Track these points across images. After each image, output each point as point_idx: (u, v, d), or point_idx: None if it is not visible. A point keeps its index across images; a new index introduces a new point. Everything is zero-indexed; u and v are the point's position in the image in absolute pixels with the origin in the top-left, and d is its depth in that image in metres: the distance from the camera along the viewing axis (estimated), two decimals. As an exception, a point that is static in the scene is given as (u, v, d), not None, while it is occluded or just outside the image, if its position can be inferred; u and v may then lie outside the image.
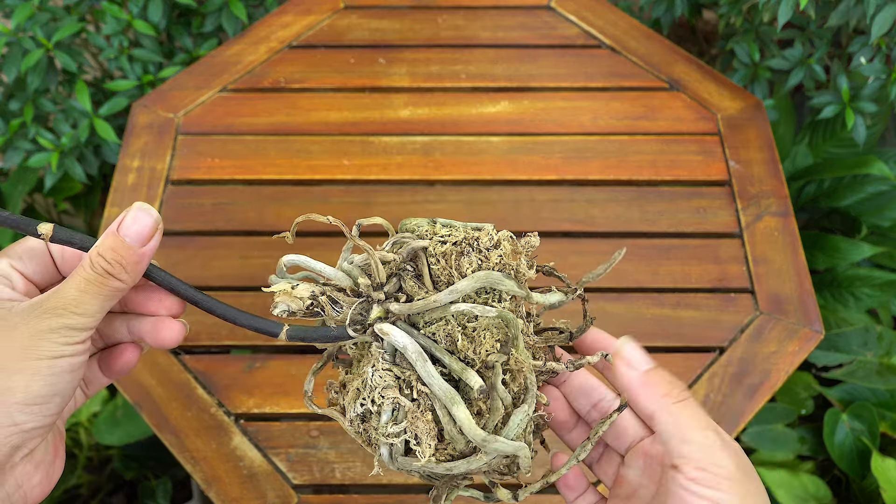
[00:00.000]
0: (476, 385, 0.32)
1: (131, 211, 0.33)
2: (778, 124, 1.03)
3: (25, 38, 0.84)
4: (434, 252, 0.35)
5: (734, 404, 0.62)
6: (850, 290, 0.94)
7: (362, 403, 0.33)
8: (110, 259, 0.32)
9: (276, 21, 0.87)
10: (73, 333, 0.32)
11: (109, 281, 0.32)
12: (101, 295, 0.32)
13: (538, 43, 0.85)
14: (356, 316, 0.34)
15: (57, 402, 0.32)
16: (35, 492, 0.33)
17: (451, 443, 0.33)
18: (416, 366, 0.32)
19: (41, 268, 0.36)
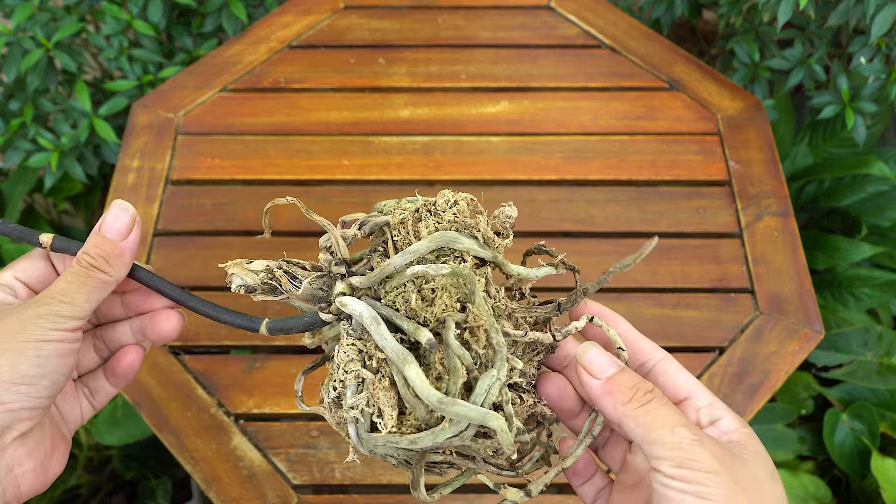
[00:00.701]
0: (424, 339, 0.31)
1: (112, 209, 0.36)
2: (778, 124, 1.03)
3: (25, 38, 0.84)
4: (394, 223, 0.34)
5: (734, 404, 0.61)
6: (850, 290, 0.94)
7: (334, 387, 0.33)
8: (94, 254, 0.35)
9: (276, 21, 0.87)
10: (60, 320, 0.33)
11: (94, 273, 0.35)
12: (87, 286, 0.35)
13: (538, 43, 0.85)
14: (317, 292, 0.34)
15: (45, 386, 0.33)
16: (28, 478, 0.33)
17: (413, 412, 0.31)
18: (371, 330, 0.31)
19: (43, 277, 0.38)
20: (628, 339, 0.37)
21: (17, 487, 0.33)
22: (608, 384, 0.32)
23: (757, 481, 0.30)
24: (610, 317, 0.38)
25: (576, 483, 0.37)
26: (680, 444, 0.30)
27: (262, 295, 0.35)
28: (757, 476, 0.31)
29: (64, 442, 0.37)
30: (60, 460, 0.36)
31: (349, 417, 0.32)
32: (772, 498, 0.30)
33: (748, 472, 0.30)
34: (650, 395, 0.32)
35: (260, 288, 0.34)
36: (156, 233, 0.71)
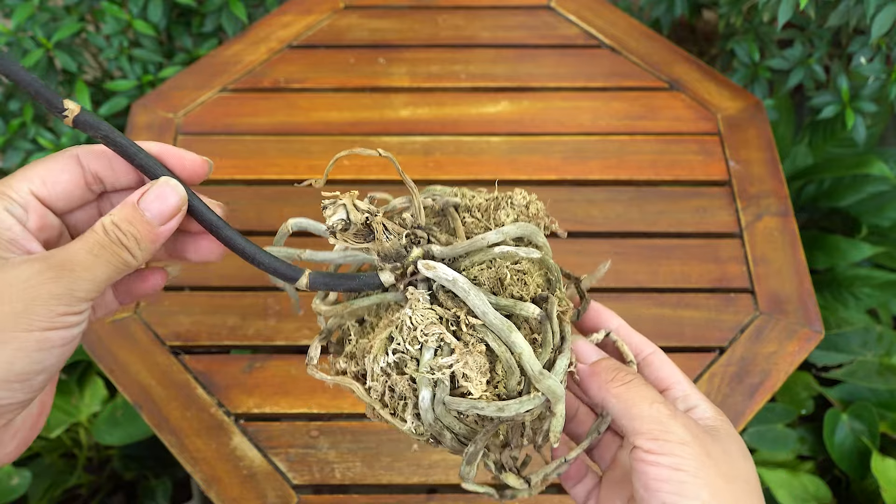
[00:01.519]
0: (534, 312, 0.32)
1: (157, 185, 0.31)
2: (778, 124, 1.03)
3: (25, 38, 0.84)
4: (469, 205, 0.35)
5: (734, 404, 0.61)
6: (850, 290, 0.94)
7: (395, 350, 0.31)
8: (125, 230, 0.30)
9: (276, 21, 0.87)
10: (76, 303, 0.29)
11: (121, 252, 0.30)
12: (111, 264, 0.30)
13: (538, 43, 0.85)
14: (400, 249, 0.32)
15: (41, 380, 0.29)
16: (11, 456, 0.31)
17: (503, 380, 0.32)
18: (469, 297, 0.31)
19: (66, 195, 0.32)
20: (621, 334, 0.39)
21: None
22: (594, 366, 0.35)
23: (729, 456, 0.31)
24: (604, 314, 0.40)
25: (568, 485, 0.39)
26: (657, 418, 0.31)
27: (348, 238, 0.32)
28: (729, 452, 0.32)
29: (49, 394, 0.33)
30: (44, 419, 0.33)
31: (425, 379, 0.31)
32: (744, 474, 0.32)
33: (720, 448, 0.32)
34: (631, 377, 0.34)
35: (358, 228, 0.32)
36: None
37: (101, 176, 0.32)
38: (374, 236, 0.32)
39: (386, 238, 0.32)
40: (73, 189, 0.32)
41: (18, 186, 0.30)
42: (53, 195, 0.31)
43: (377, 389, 0.32)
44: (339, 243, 0.33)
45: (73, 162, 0.32)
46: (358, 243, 0.32)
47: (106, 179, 0.33)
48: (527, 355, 0.31)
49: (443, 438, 0.32)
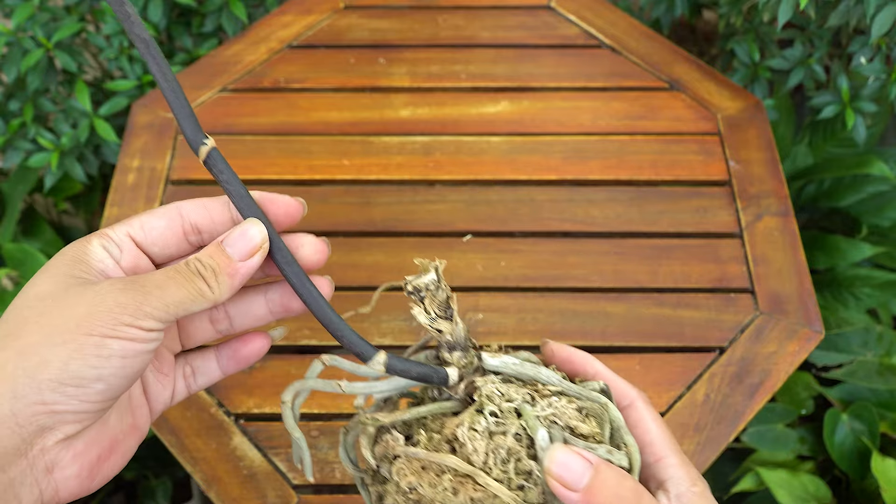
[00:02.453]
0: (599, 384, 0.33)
1: (243, 226, 0.32)
2: (778, 124, 1.03)
3: (25, 38, 0.84)
4: None
5: (734, 404, 0.62)
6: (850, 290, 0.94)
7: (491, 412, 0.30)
8: (205, 262, 0.31)
9: (276, 21, 0.87)
10: (141, 316, 0.29)
11: (198, 281, 0.30)
12: (184, 289, 0.30)
13: (538, 43, 0.85)
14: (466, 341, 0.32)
15: (99, 390, 0.28)
16: (69, 484, 0.29)
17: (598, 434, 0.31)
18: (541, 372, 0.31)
19: (162, 241, 0.33)
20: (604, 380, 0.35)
21: (55, 492, 0.29)
22: (587, 497, 0.28)
23: None
24: (579, 358, 0.35)
25: None
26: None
27: (433, 306, 0.32)
28: None
29: (133, 436, 0.33)
30: (120, 460, 0.32)
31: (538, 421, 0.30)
32: None
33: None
34: (635, 502, 0.29)
35: (440, 301, 0.32)
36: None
37: (200, 226, 0.34)
38: (452, 314, 0.32)
39: (460, 321, 0.32)
40: (169, 235, 0.33)
41: (118, 228, 0.32)
42: (149, 239, 0.33)
43: (479, 453, 0.30)
44: (419, 313, 0.32)
45: (173, 212, 0.33)
46: (439, 315, 0.32)
47: (204, 230, 0.34)
48: (612, 408, 0.31)
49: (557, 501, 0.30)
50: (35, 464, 0.28)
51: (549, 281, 0.68)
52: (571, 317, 0.66)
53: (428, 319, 0.32)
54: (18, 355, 0.28)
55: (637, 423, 0.33)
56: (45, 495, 0.29)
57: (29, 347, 0.28)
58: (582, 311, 0.67)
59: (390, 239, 0.71)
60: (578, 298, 0.67)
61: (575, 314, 0.67)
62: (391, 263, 0.69)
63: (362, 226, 0.72)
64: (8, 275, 0.86)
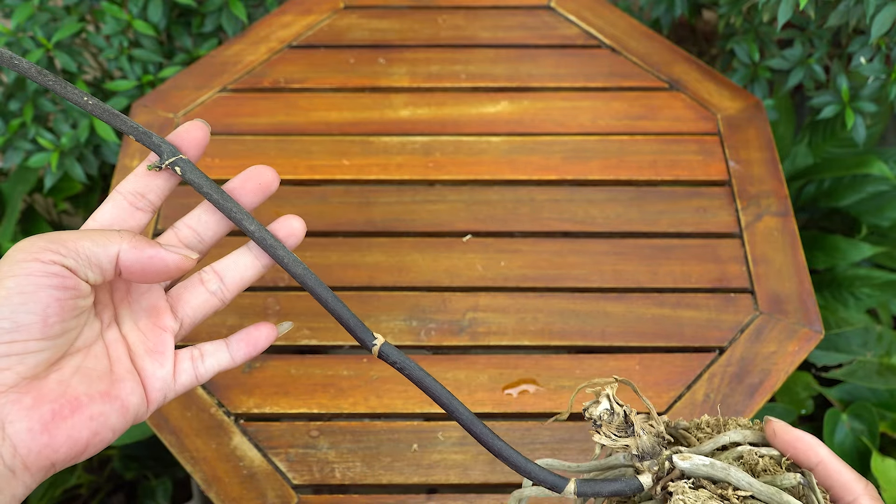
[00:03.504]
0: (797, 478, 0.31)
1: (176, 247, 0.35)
2: (778, 124, 1.03)
3: (25, 38, 0.84)
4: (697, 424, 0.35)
5: (734, 404, 0.62)
6: (850, 290, 0.94)
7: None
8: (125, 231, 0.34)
9: (276, 21, 0.87)
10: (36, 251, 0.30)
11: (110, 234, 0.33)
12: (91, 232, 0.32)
13: (538, 43, 0.85)
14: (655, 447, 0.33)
15: (6, 329, 0.29)
16: (24, 437, 0.30)
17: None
18: (731, 473, 0.31)
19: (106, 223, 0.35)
20: (826, 472, 0.32)
21: (13, 449, 0.29)
22: None
23: None
24: (804, 445, 0.32)
25: None
26: None
27: (611, 430, 0.33)
28: None
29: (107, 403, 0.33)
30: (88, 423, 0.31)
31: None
32: None
33: None
34: None
35: (619, 421, 0.33)
36: (156, 233, 0.71)
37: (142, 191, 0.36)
38: (634, 429, 0.33)
39: (644, 433, 0.33)
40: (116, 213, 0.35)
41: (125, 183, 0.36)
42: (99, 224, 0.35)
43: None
44: (601, 438, 0.33)
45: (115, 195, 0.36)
46: (619, 437, 0.33)
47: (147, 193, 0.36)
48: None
49: None
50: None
51: (548, 281, 0.68)
52: (571, 317, 0.66)
53: (610, 441, 0.33)
54: None
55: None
56: (4, 454, 0.29)
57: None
58: (582, 311, 0.67)
59: (390, 239, 0.71)
60: (578, 298, 0.67)
61: (575, 314, 0.67)
62: (391, 263, 0.69)
63: (362, 226, 0.72)
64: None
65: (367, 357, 0.65)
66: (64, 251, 0.31)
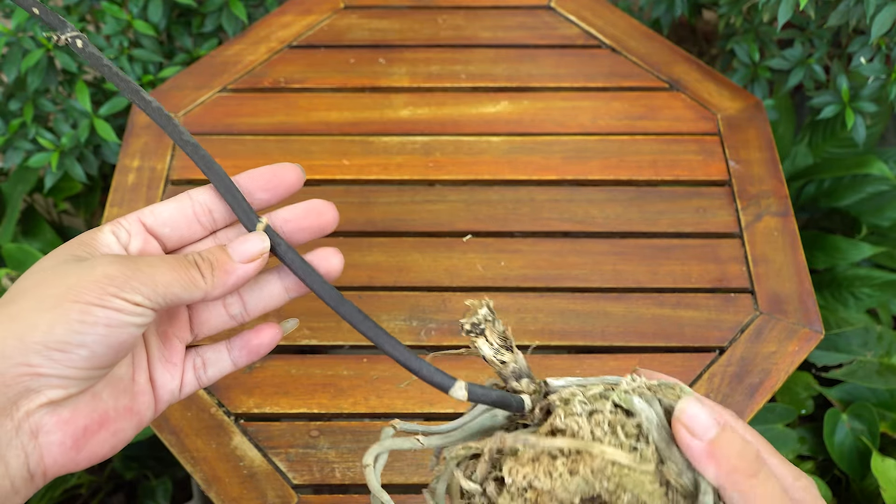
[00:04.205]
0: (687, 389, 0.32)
1: (251, 236, 0.33)
2: (778, 124, 1.03)
3: (25, 38, 0.84)
4: None
5: (734, 404, 0.62)
6: (850, 290, 0.94)
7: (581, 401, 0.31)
8: (204, 256, 0.32)
9: (276, 21, 0.87)
10: (128, 290, 0.30)
11: (191, 270, 0.32)
12: (177, 274, 0.31)
13: (538, 43, 0.85)
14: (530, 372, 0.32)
15: (83, 357, 0.29)
16: (53, 451, 0.30)
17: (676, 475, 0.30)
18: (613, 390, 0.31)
19: (172, 224, 0.34)
20: None
21: (40, 458, 0.29)
22: (711, 447, 0.29)
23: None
24: None
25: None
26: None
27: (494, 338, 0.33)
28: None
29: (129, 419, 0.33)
30: (111, 439, 0.32)
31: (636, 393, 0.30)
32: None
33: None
34: (757, 465, 0.29)
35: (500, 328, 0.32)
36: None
37: (211, 206, 0.35)
38: (512, 344, 0.33)
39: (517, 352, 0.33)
40: (179, 217, 0.34)
41: (129, 215, 0.34)
42: (160, 221, 0.34)
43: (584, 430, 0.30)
44: (483, 345, 0.32)
45: (183, 196, 0.35)
46: (500, 345, 0.33)
47: (215, 209, 0.35)
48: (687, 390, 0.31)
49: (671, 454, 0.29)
50: (21, 426, 0.29)
51: (548, 281, 0.68)
52: (571, 317, 0.66)
53: (492, 351, 0.33)
54: (9, 319, 0.29)
55: None
56: (30, 460, 0.29)
57: (20, 312, 0.29)
58: (582, 311, 0.67)
59: (390, 239, 0.71)
60: (578, 298, 0.67)
61: (575, 314, 0.67)
62: (391, 263, 0.69)
63: (362, 226, 0.72)
64: (8, 275, 0.86)
65: (367, 357, 0.65)
66: (152, 295, 0.30)
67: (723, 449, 0.28)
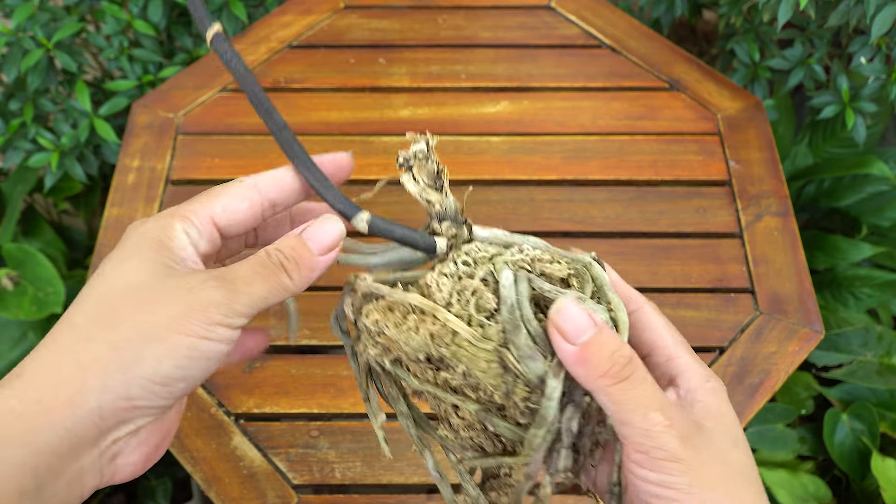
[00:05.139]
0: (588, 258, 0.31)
1: (323, 221, 0.33)
2: (778, 124, 1.03)
3: (25, 38, 0.84)
4: None
5: (734, 404, 0.61)
6: (850, 290, 0.94)
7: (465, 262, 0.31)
8: (288, 255, 0.31)
9: (276, 21, 0.87)
10: (232, 315, 0.29)
11: (280, 274, 0.31)
12: (269, 283, 0.30)
13: (538, 43, 0.85)
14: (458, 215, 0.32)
15: (181, 388, 0.29)
16: (127, 470, 0.30)
17: None
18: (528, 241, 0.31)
19: (241, 221, 0.33)
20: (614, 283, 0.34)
21: (111, 477, 0.30)
22: (583, 352, 0.28)
23: (721, 454, 0.29)
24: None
25: None
26: (649, 432, 0.28)
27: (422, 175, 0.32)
28: (720, 448, 0.29)
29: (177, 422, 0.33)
30: (167, 446, 0.32)
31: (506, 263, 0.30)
32: (738, 468, 0.29)
33: (713, 448, 0.29)
34: (628, 370, 0.29)
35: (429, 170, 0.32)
36: (156, 233, 0.71)
37: (276, 202, 0.34)
38: (443, 185, 0.32)
39: (450, 195, 0.32)
40: (250, 217, 0.33)
41: (201, 212, 0.32)
42: (231, 223, 0.33)
43: (443, 293, 0.30)
44: (408, 180, 0.32)
45: (253, 193, 0.33)
46: (428, 185, 0.32)
47: (278, 203, 0.34)
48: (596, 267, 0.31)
49: (517, 336, 0.29)
50: (105, 453, 0.29)
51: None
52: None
53: (417, 188, 0.32)
54: (113, 350, 0.28)
55: (646, 325, 0.33)
56: (103, 479, 0.30)
57: (124, 343, 0.28)
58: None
59: (390, 239, 0.71)
60: (578, 298, 0.67)
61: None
62: (391, 263, 0.69)
63: (362, 226, 0.72)
64: (8, 275, 0.86)
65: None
66: (249, 312, 0.30)
67: (593, 353, 0.28)
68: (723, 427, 0.30)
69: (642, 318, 0.33)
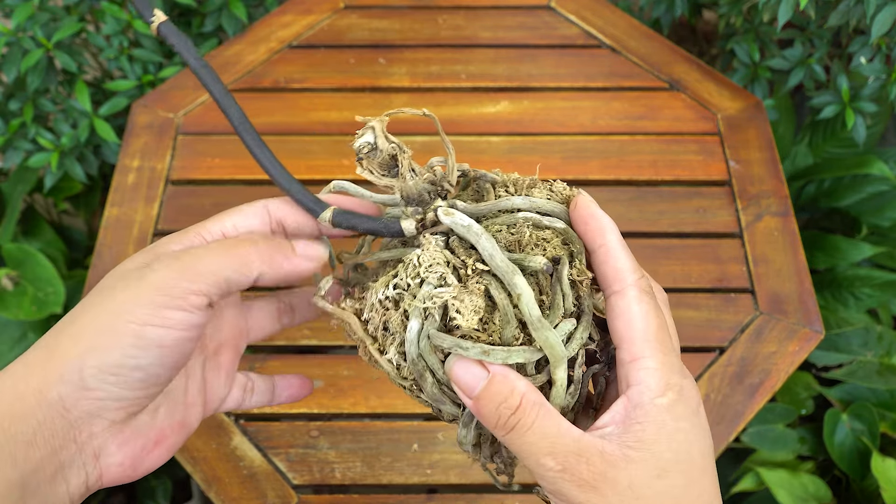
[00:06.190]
0: (542, 263, 0.29)
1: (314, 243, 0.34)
2: (778, 124, 1.03)
3: (25, 38, 0.84)
4: (505, 181, 0.34)
5: (734, 404, 0.62)
6: (850, 290, 0.94)
7: (396, 285, 0.30)
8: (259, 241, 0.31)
9: (276, 21, 0.87)
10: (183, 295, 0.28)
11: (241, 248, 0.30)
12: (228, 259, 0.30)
13: (538, 43, 0.85)
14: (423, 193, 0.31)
15: (139, 379, 0.29)
16: (112, 471, 0.30)
17: (499, 329, 0.29)
18: (481, 240, 0.29)
19: None
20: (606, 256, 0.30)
21: (99, 477, 0.30)
22: (475, 405, 0.29)
23: (635, 489, 0.27)
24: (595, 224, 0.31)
25: None
26: (544, 477, 0.28)
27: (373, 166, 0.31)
28: (638, 482, 0.27)
29: (180, 433, 0.33)
30: (164, 454, 0.32)
31: (417, 310, 0.29)
32: (657, 500, 0.27)
33: (626, 484, 0.27)
34: (513, 420, 0.28)
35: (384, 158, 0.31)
36: (156, 233, 0.71)
37: (284, 222, 0.34)
38: (399, 171, 0.31)
39: (410, 177, 0.31)
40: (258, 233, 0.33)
41: (212, 228, 0.32)
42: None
43: (374, 323, 0.31)
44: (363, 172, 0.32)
45: (262, 210, 0.34)
46: (381, 175, 0.32)
47: (288, 226, 0.34)
48: (526, 298, 0.28)
49: (424, 382, 0.30)
50: (84, 449, 0.29)
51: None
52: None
53: (375, 177, 0.32)
54: (71, 339, 0.28)
55: (620, 314, 0.29)
56: (90, 479, 0.30)
57: (80, 332, 0.28)
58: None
59: (390, 239, 0.71)
60: (578, 298, 0.67)
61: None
62: (391, 263, 0.69)
63: (362, 226, 0.72)
64: (8, 275, 0.86)
65: (367, 357, 0.65)
66: (205, 288, 0.29)
67: (482, 406, 0.28)
68: (649, 455, 0.27)
69: (618, 304, 0.29)
